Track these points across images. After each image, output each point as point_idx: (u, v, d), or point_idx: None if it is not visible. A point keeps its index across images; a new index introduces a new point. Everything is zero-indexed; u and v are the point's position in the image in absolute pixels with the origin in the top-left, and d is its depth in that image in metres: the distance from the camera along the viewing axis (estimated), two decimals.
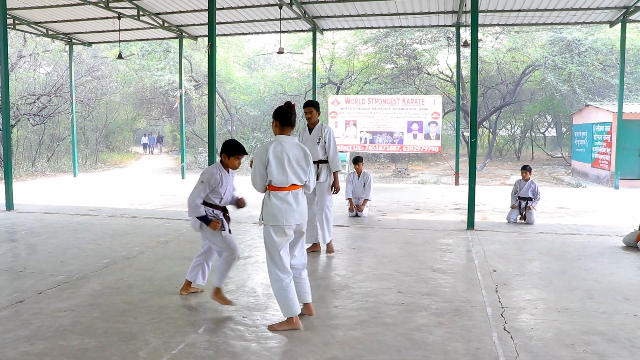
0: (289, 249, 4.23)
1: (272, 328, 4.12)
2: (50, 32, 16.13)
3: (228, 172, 4.69)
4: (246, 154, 4.65)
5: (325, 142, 6.57)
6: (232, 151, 4.56)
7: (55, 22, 15.06)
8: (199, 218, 4.56)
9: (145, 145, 38.41)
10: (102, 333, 4.01)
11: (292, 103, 4.28)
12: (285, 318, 4.13)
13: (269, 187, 4.10)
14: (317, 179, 6.56)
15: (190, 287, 5.03)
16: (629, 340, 3.87)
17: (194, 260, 4.95)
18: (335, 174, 6.63)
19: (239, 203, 4.82)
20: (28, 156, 23.46)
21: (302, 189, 4.23)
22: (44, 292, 5.03)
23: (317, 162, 6.53)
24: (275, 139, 4.16)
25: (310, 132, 6.65)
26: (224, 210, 4.76)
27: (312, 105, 6.62)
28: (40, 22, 15.18)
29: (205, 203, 4.60)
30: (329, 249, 6.76)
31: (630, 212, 9.85)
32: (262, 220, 4.15)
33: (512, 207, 9.16)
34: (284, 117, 4.16)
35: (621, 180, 14.93)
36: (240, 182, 5.43)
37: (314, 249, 6.80)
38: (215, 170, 4.59)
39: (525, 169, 9.23)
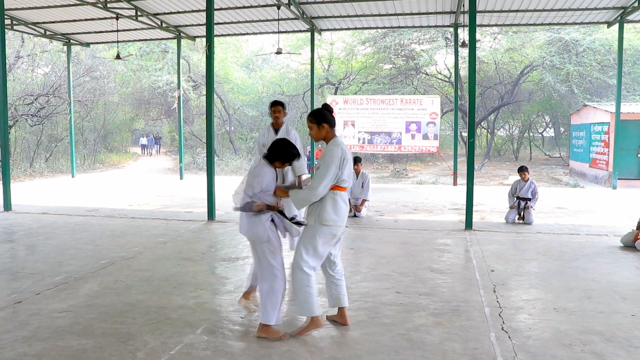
0: (337, 251, 4.16)
1: (301, 333, 3.98)
2: (48, 33, 16.11)
3: None
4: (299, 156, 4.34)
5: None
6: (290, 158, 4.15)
7: (53, 22, 15.04)
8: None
9: (143, 147, 37.79)
10: (100, 334, 4.01)
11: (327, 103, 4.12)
12: (307, 319, 4.02)
13: (334, 187, 3.94)
14: (283, 182, 6.36)
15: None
16: (626, 340, 3.88)
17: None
18: (299, 177, 6.38)
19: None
20: (26, 157, 23.44)
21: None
22: (41, 292, 5.03)
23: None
24: (336, 141, 4.02)
25: (276, 133, 6.47)
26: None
27: (281, 105, 6.51)
28: (38, 23, 15.17)
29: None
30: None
31: (628, 212, 9.87)
32: (321, 220, 3.91)
33: (511, 207, 9.18)
34: (332, 120, 4.10)
35: (619, 180, 14.95)
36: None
37: None
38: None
39: (523, 169, 9.24)
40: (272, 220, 4.03)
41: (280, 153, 4.09)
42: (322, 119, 4.07)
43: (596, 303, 4.73)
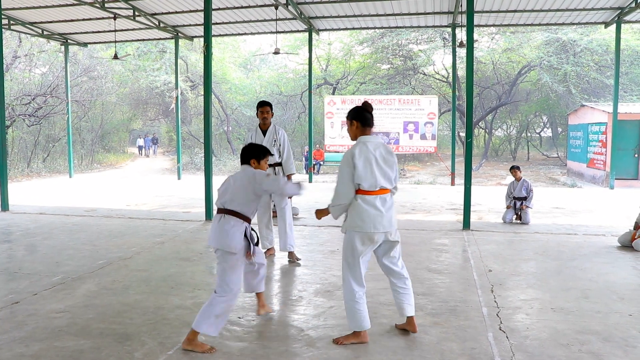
0: (390, 258, 3.95)
1: (337, 341, 3.82)
2: (45, 33, 16.09)
3: None
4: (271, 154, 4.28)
5: (280, 145, 6.43)
6: (264, 154, 4.09)
7: (51, 22, 15.02)
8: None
9: (140, 148, 37.20)
10: (97, 334, 4.00)
11: (369, 102, 4.01)
12: (352, 331, 3.85)
13: (356, 192, 3.80)
14: None
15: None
16: (623, 340, 3.89)
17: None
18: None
19: None
20: (23, 157, 23.41)
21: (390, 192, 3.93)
22: (39, 293, 5.02)
23: (274, 166, 6.39)
24: (359, 140, 3.86)
25: (264, 134, 6.46)
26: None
27: (269, 106, 6.48)
28: (36, 23, 15.14)
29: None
30: (292, 257, 6.35)
31: (625, 212, 9.88)
32: (346, 226, 3.84)
33: (508, 207, 9.19)
34: (364, 118, 3.88)
35: (616, 180, 14.98)
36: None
37: (269, 253, 6.55)
38: None
39: (514, 168, 9.25)
40: (245, 235, 3.87)
41: (249, 151, 4.03)
42: (352, 117, 3.92)
43: (593, 303, 4.74)
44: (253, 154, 4.03)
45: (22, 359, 3.57)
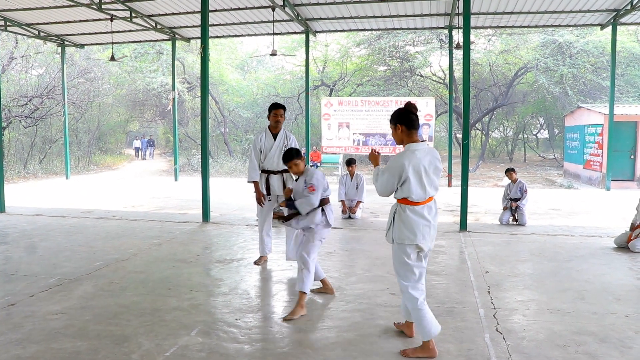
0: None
1: (404, 353, 3.67)
2: (42, 34, 16.06)
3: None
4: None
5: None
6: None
7: (47, 23, 14.99)
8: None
9: (137, 149, 36.23)
10: (94, 336, 4.00)
11: (413, 102, 3.82)
12: (422, 342, 3.69)
13: (402, 201, 3.69)
14: (284, 189, 6.13)
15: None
16: (619, 341, 3.90)
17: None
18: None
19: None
20: (20, 158, 23.35)
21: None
22: (36, 294, 5.01)
23: (282, 172, 6.17)
24: (407, 148, 3.65)
25: (274, 138, 6.21)
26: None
27: (283, 109, 6.25)
28: (32, 24, 15.11)
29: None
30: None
31: (622, 214, 9.91)
32: (395, 239, 3.71)
33: (504, 208, 9.21)
34: (410, 120, 3.67)
35: (613, 182, 15.02)
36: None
37: (262, 260, 6.40)
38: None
39: (509, 170, 9.26)
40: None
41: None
42: (397, 120, 3.70)
43: (590, 304, 4.75)
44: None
45: None
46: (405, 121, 3.66)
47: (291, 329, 4.18)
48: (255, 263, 6.27)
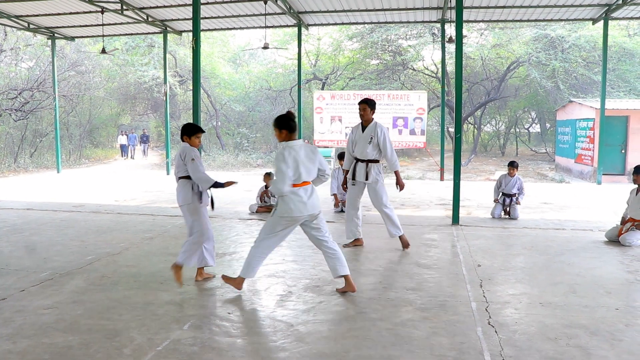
0: (317, 232, 4.82)
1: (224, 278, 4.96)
2: (32, 26, 15.92)
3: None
4: (203, 131, 5.31)
5: (378, 142, 6.48)
6: (193, 131, 5.19)
7: (37, 15, 14.85)
8: (214, 185, 5.06)
9: (123, 147, 30.31)
10: (86, 330, 3.98)
11: (291, 110, 4.84)
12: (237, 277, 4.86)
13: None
14: (366, 179, 6.56)
15: (202, 273, 5.38)
16: (610, 333, 3.93)
17: (186, 245, 5.16)
18: (396, 173, 6.68)
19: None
20: (10, 152, 23.17)
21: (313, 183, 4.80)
22: (26, 289, 4.98)
23: (367, 161, 6.56)
24: (286, 145, 4.62)
25: (363, 130, 6.58)
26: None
27: (366, 103, 6.51)
28: (22, 16, 14.96)
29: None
30: (404, 243, 6.71)
31: (613, 207, 9.97)
32: (275, 212, 4.69)
33: (495, 201, 9.21)
34: (290, 126, 4.64)
35: (604, 176, 15.10)
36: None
37: (355, 244, 6.87)
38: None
39: (513, 165, 9.25)
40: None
41: (184, 129, 5.26)
42: (280, 125, 4.65)
43: (581, 297, 4.78)
44: (183, 132, 5.19)
45: (9, 356, 3.54)
46: (287, 127, 4.65)
47: (283, 323, 4.17)
48: (346, 246, 6.77)
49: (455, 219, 8.45)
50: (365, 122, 6.58)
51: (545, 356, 3.55)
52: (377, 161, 6.63)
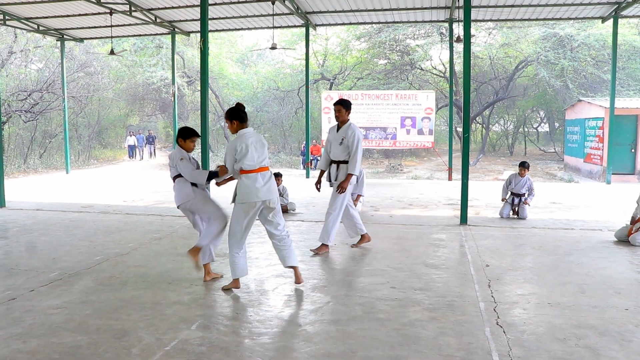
0: (269, 225, 5.02)
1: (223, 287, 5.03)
2: (41, 28, 16.02)
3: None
4: (199, 136, 5.45)
5: (348, 143, 6.34)
6: (188, 134, 5.31)
7: (47, 17, 14.95)
8: (209, 177, 5.19)
9: (131, 148, 29.86)
10: (94, 330, 4.00)
11: (240, 102, 5.05)
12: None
13: (240, 171, 4.84)
14: (336, 179, 6.45)
15: (211, 273, 5.39)
16: (619, 334, 3.90)
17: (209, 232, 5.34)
18: (349, 176, 6.29)
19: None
20: (20, 153, 23.34)
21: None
22: (36, 289, 5.01)
23: (338, 162, 6.42)
24: (238, 134, 4.90)
25: (337, 131, 6.52)
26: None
27: (341, 104, 6.44)
28: (31, 18, 15.07)
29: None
30: (317, 251, 6.54)
31: (622, 207, 9.90)
32: (235, 199, 4.95)
33: (503, 199, 9.18)
34: (240, 117, 4.91)
35: (613, 175, 15.00)
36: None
37: (362, 242, 6.88)
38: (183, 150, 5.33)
39: (524, 165, 9.19)
40: None
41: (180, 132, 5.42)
42: (231, 117, 4.91)
43: (590, 297, 4.75)
44: (179, 134, 5.32)
45: (19, 355, 3.56)
46: (237, 117, 4.90)
47: (291, 323, 4.18)
48: (354, 246, 6.85)
49: (464, 218, 8.42)
50: (341, 123, 6.50)
51: (554, 357, 3.53)
52: (347, 162, 6.40)
